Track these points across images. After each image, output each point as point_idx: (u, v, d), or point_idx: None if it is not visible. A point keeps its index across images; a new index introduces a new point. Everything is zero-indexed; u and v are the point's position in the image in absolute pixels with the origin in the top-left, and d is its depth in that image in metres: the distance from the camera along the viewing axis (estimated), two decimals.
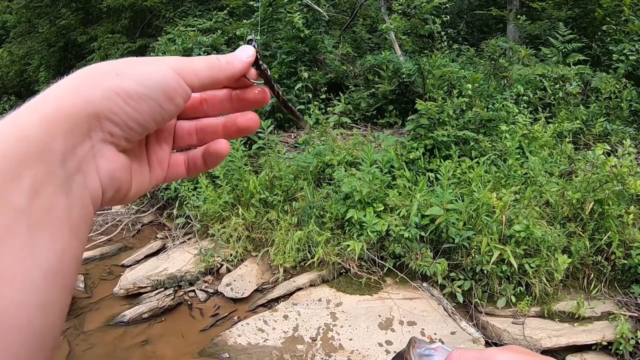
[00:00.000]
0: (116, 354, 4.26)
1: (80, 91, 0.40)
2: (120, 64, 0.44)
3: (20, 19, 12.68)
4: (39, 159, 0.35)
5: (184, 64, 0.46)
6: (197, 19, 9.76)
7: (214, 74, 0.49)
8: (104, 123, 0.41)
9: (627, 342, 3.80)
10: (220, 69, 0.50)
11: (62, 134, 0.37)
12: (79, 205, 0.39)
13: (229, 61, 0.51)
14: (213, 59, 0.50)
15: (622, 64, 6.52)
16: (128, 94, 0.41)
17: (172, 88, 0.44)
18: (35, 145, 0.35)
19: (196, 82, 0.47)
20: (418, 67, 6.62)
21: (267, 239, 5.16)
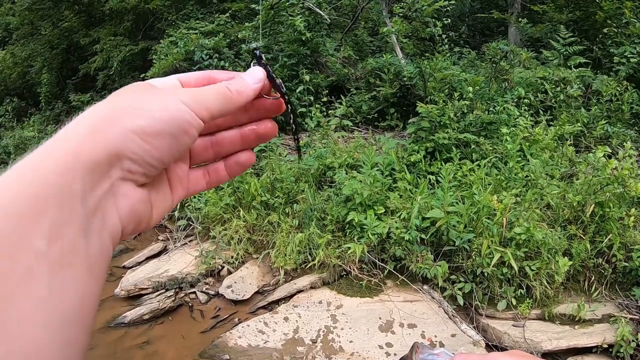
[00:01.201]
0: (117, 355, 4.27)
1: (99, 136, 0.40)
2: (135, 100, 0.44)
3: (23, 21, 12.71)
4: (59, 200, 0.35)
5: (195, 98, 0.46)
6: (199, 22, 9.78)
7: (224, 107, 0.49)
8: (124, 162, 0.41)
9: (628, 345, 3.79)
10: (231, 100, 0.50)
11: (80, 176, 0.37)
12: (98, 245, 0.39)
13: (239, 91, 0.51)
14: (223, 90, 0.50)
15: (623, 67, 6.53)
16: (146, 132, 0.42)
17: (187, 122, 0.45)
18: (54, 187, 0.35)
19: (207, 115, 0.47)
20: (419, 70, 6.64)
21: (268, 241, 5.17)
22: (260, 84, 0.53)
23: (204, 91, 0.48)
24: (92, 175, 0.38)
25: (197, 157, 0.56)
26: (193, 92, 0.47)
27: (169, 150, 0.44)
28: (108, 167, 0.40)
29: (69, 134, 0.40)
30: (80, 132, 0.40)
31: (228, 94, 0.50)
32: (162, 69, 8.43)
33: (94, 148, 0.39)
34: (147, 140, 0.42)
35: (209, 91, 0.49)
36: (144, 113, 0.42)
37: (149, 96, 0.45)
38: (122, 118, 0.41)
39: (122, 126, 0.41)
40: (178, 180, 0.53)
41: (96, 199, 0.39)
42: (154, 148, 0.42)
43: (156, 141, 0.42)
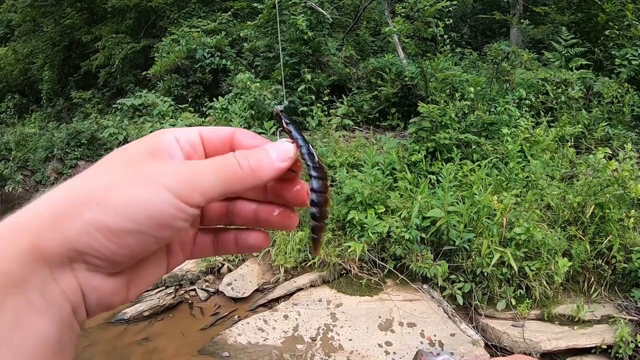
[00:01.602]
0: (116, 352, 4.27)
1: (57, 225, 0.36)
2: (105, 187, 0.38)
3: (25, 18, 12.71)
4: (18, 292, 0.34)
5: (188, 180, 0.39)
6: (202, 20, 9.80)
7: (228, 187, 0.41)
8: (87, 257, 0.37)
9: (627, 346, 3.80)
10: (239, 181, 0.41)
11: (38, 268, 0.35)
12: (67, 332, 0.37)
13: (255, 169, 0.41)
14: (231, 166, 0.41)
15: (624, 69, 6.54)
16: (110, 230, 0.36)
17: (168, 216, 0.38)
18: (13, 280, 0.34)
19: (202, 201, 0.39)
20: (421, 70, 6.65)
21: None
22: (285, 164, 0.43)
23: (202, 169, 0.40)
24: (51, 269, 0.36)
25: (211, 221, 0.49)
26: (186, 173, 0.39)
27: (141, 247, 0.38)
28: (68, 261, 0.36)
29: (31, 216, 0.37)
30: (38, 221, 0.36)
31: (237, 172, 0.41)
32: (164, 66, 8.45)
33: (50, 242, 0.35)
34: (111, 239, 0.37)
35: (210, 169, 0.40)
36: (112, 204, 0.37)
37: (123, 184, 0.38)
38: (84, 210, 0.36)
39: (82, 220, 0.36)
40: (180, 245, 0.47)
41: (59, 290, 0.36)
42: (120, 247, 0.37)
43: (123, 240, 0.37)
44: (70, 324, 0.37)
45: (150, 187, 0.37)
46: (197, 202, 0.39)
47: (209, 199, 0.40)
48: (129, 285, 0.42)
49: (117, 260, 0.38)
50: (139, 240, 0.38)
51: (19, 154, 9.54)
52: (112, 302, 0.41)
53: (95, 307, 0.40)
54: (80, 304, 0.38)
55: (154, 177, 0.38)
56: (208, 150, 0.45)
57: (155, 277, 0.46)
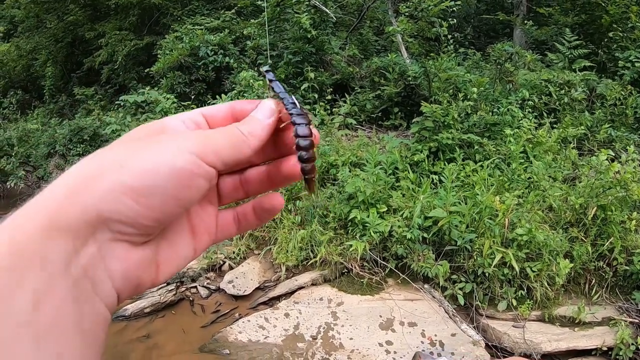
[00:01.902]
0: (117, 348, 4.28)
1: (79, 192, 0.35)
2: (125, 151, 0.39)
3: (29, 14, 12.72)
4: (39, 270, 0.32)
5: (203, 142, 0.41)
6: (205, 18, 9.81)
7: (237, 152, 0.43)
8: (111, 224, 0.36)
9: (627, 348, 3.80)
10: (245, 145, 0.44)
11: (59, 242, 0.34)
12: (90, 312, 0.35)
13: (251, 132, 0.44)
14: (235, 133, 0.44)
15: (627, 71, 6.53)
16: (135, 191, 0.36)
17: (190, 173, 0.39)
18: (32, 257, 0.32)
19: (218, 162, 0.41)
20: (424, 70, 6.65)
21: (270, 237, 5.18)
22: (272, 118, 0.47)
23: (212, 134, 0.43)
24: (74, 241, 0.35)
25: (227, 197, 0.50)
26: (199, 136, 0.41)
27: (166, 208, 0.38)
28: (91, 231, 0.36)
29: (48, 195, 0.36)
30: (60, 194, 0.36)
31: (240, 137, 0.44)
32: (167, 64, 8.45)
33: (72, 212, 0.35)
34: (138, 200, 0.36)
35: (219, 134, 0.43)
36: (135, 166, 0.37)
37: (142, 147, 0.39)
38: (107, 175, 0.36)
39: (106, 185, 0.36)
40: (204, 225, 0.48)
41: (81, 266, 0.35)
42: (146, 208, 0.37)
43: (149, 200, 0.37)
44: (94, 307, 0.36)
45: (169, 149, 0.39)
46: (214, 162, 0.40)
47: (222, 161, 0.41)
48: (157, 263, 0.43)
49: (141, 223, 0.38)
50: (162, 201, 0.38)
51: (21, 149, 9.57)
52: (142, 279, 0.41)
53: (124, 284, 0.39)
54: (106, 281, 0.37)
55: (170, 141, 0.40)
56: (212, 127, 0.48)
57: (184, 258, 0.46)
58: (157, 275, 0.43)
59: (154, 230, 0.40)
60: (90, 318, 0.35)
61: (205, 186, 0.40)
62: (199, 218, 0.47)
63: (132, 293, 0.41)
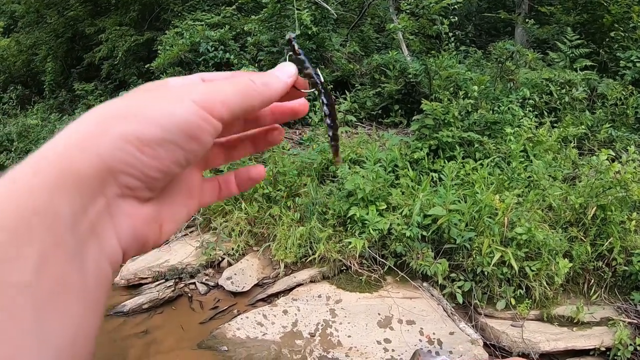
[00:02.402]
0: (115, 344, 4.28)
1: (87, 145, 0.34)
2: (132, 102, 0.38)
3: (29, 9, 12.69)
4: (44, 228, 0.31)
5: (210, 93, 0.40)
6: (206, 14, 9.77)
7: (247, 102, 0.42)
8: (120, 177, 0.36)
9: (625, 349, 3.80)
10: (256, 94, 0.43)
11: (68, 197, 0.32)
12: (95, 273, 0.34)
13: (266, 83, 0.44)
14: (246, 81, 0.43)
15: (629, 71, 6.51)
16: (143, 141, 0.36)
17: (196, 126, 0.38)
18: (37, 214, 0.31)
19: (225, 112, 0.40)
20: (425, 67, 6.63)
21: (269, 234, 5.17)
22: (293, 78, 0.47)
23: (220, 84, 0.42)
24: (82, 196, 0.33)
25: (210, 162, 0.51)
26: (207, 87, 0.41)
27: (173, 160, 0.38)
28: (100, 184, 0.35)
29: (56, 145, 0.35)
30: (66, 145, 0.35)
31: (252, 86, 0.43)
32: (167, 59, 8.43)
33: (80, 164, 0.34)
34: (145, 150, 0.36)
35: (228, 84, 0.42)
36: (142, 116, 0.37)
37: (151, 98, 0.39)
38: (115, 126, 0.36)
39: (113, 135, 0.35)
40: (193, 188, 0.48)
41: (89, 222, 0.34)
42: (153, 159, 0.37)
43: (157, 151, 0.37)
44: (99, 266, 0.35)
45: (177, 101, 0.38)
46: (220, 113, 0.39)
47: (231, 111, 0.40)
48: (161, 221, 0.42)
49: (149, 175, 0.37)
50: (170, 152, 0.37)
51: (20, 145, 9.54)
52: (148, 236, 0.40)
53: (131, 242, 0.39)
54: (112, 239, 0.37)
55: (178, 93, 0.39)
56: None
57: (181, 219, 0.46)
58: (160, 234, 0.43)
59: (158, 183, 0.39)
60: (95, 279, 0.34)
61: (210, 142, 0.40)
62: (189, 180, 0.47)
63: (137, 252, 0.41)
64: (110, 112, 0.37)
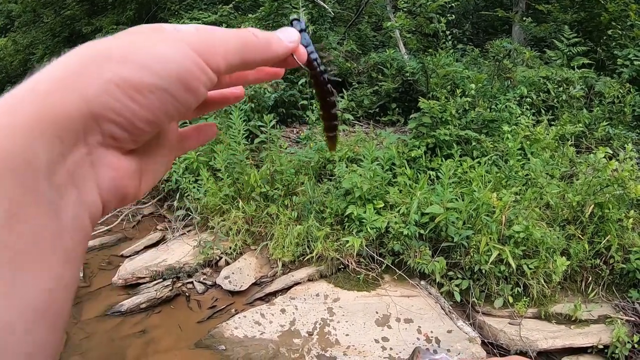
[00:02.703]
0: (113, 344, 4.27)
1: (71, 85, 0.31)
2: (124, 43, 0.35)
3: (25, 9, 12.67)
4: (17, 176, 0.28)
5: (209, 40, 0.37)
6: (203, 12, 9.75)
7: (247, 56, 0.40)
8: (104, 125, 0.33)
9: (623, 346, 3.80)
10: (257, 50, 0.41)
11: (46, 141, 0.29)
12: (72, 226, 0.32)
13: (268, 42, 0.42)
14: (247, 34, 0.40)
15: (626, 69, 6.52)
16: (133, 86, 0.33)
17: (191, 75, 0.35)
18: (10, 160, 0.28)
19: (222, 63, 0.37)
20: (422, 65, 6.62)
21: (266, 232, 5.16)
22: (295, 44, 0.45)
23: (221, 32, 0.38)
24: (61, 142, 0.31)
25: None
26: (206, 33, 0.38)
27: (163, 110, 0.35)
28: (83, 130, 0.32)
29: (32, 87, 0.31)
30: (47, 84, 0.31)
31: (254, 40, 0.40)
32: None
33: (62, 105, 0.31)
34: (135, 97, 0.33)
35: (228, 33, 0.39)
36: (134, 59, 0.33)
37: (145, 40, 0.35)
38: (104, 67, 0.32)
39: (102, 78, 0.32)
40: (173, 140, 0.45)
41: (68, 171, 0.31)
42: (143, 107, 0.34)
43: (147, 99, 0.34)
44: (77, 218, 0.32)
45: (174, 45, 0.35)
46: (218, 64, 0.37)
47: (228, 63, 0.38)
48: (141, 174, 0.40)
49: (137, 126, 0.34)
50: (161, 100, 0.34)
51: None
52: (128, 189, 0.38)
53: (112, 194, 0.36)
54: (93, 190, 0.34)
55: (176, 36, 0.36)
56: None
57: (162, 171, 0.44)
58: (140, 187, 0.40)
59: (144, 135, 0.36)
60: (73, 231, 0.32)
61: (204, 93, 0.37)
62: (171, 131, 0.44)
63: (117, 205, 0.38)
64: (101, 52, 0.34)
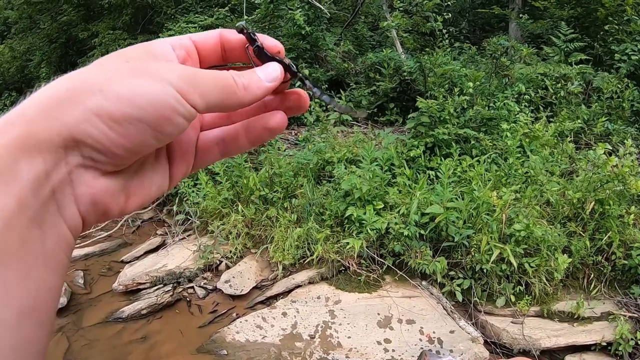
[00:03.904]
0: (115, 350, 4.26)
1: (55, 113, 0.34)
2: (108, 74, 0.37)
3: (22, 15, 12.66)
4: (6, 187, 0.31)
5: (189, 79, 0.39)
6: (199, 16, 9.74)
7: (224, 100, 0.42)
8: (83, 149, 0.35)
9: (627, 343, 3.79)
10: (234, 95, 0.42)
11: (32, 160, 0.33)
12: (54, 236, 0.35)
13: (246, 86, 0.43)
14: (227, 79, 0.42)
15: (624, 64, 6.50)
16: (112, 117, 0.35)
17: (170, 108, 0.37)
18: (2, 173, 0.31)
19: (201, 103, 0.39)
20: (419, 65, 6.61)
21: (266, 235, 5.15)
22: (274, 84, 0.45)
23: (202, 74, 0.41)
24: (45, 161, 0.34)
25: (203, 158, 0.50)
26: (188, 73, 0.40)
27: (141, 140, 0.37)
28: (64, 152, 0.35)
29: (21, 112, 0.35)
30: (34, 111, 0.35)
31: (232, 86, 0.42)
32: None
33: (46, 130, 0.34)
34: (113, 127, 0.36)
35: (209, 75, 0.41)
36: (116, 91, 0.36)
37: (126, 72, 0.38)
38: (85, 98, 0.35)
39: (82, 107, 0.35)
40: (182, 153, 0.47)
41: (50, 187, 0.34)
42: (121, 136, 0.36)
43: (125, 129, 0.36)
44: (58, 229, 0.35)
45: (154, 79, 0.37)
46: (196, 103, 0.39)
47: (207, 104, 0.40)
48: (128, 192, 0.42)
49: (115, 152, 0.37)
50: (139, 131, 0.37)
51: None
52: (110, 206, 0.40)
53: (90, 210, 0.38)
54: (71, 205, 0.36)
55: (157, 71, 0.38)
56: (202, 54, 0.47)
57: (158, 188, 0.45)
58: (126, 205, 0.42)
59: (125, 161, 0.39)
60: (54, 241, 0.35)
61: (185, 125, 0.39)
62: (177, 145, 0.46)
63: (99, 220, 0.40)
64: (86, 82, 0.36)
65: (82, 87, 0.36)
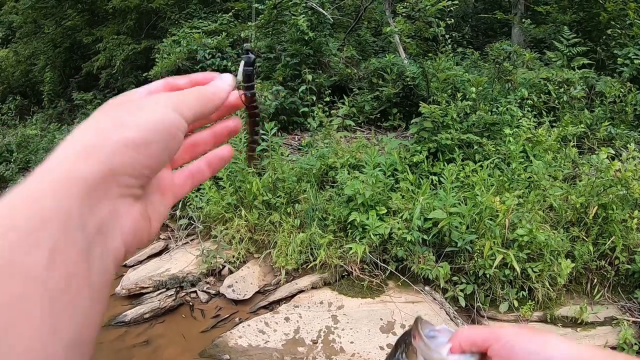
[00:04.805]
0: (117, 354, 4.26)
1: (91, 155, 0.39)
2: (120, 114, 0.44)
3: (26, 20, 12.73)
4: (56, 225, 0.34)
5: (178, 99, 0.48)
6: (202, 21, 9.79)
7: (204, 108, 0.50)
8: (120, 178, 0.40)
9: (630, 348, 3.78)
10: (209, 101, 0.51)
11: (78, 198, 0.36)
12: (100, 270, 0.37)
13: (214, 92, 0.53)
14: (201, 90, 0.52)
15: (626, 68, 6.50)
16: (136, 143, 0.41)
17: (174, 126, 0.45)
18: (50, 211, 0.34)
19: (190, 117, 0.48)
20: (422, 70, 6.62)
21: (269, 240, 5.15)
22: (231, 87, 0.55)
23: (185, 93, 0.50)
24: (90, 198, 0.37)
25: (176, 161, 0.56)
26: (177, 97, 0.48)
27: (159, 157, 0.44)
28: (105, 187, 0.39)
29: (60, 157, 0.39)
30: (72, 154, 0.39)
31: (207, 95, 0.51)
32: (165, 67, 8.44)
33: (87, 169, 0.38)
34: (139, 151, 0.41)
35: (189, 92, 0.50)
36: (132, 123, 0.42)
37: (133, 108, 0.45)
38: (112, 134, 0.40)
39: (112, 142, 0.40)
40: (166, 185, 0.53)
41: (95, 223, 0.38)
42: (145, 157, 0.42)
43: (148, 150, 0.42)
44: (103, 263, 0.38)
45: (159, 108, 0.45)
46: (187, 117, 0.47)
47: (194, 115, 0.48)
48: (150, 215, 0.47)
49: (144, 173, 0.43)
50: (158, 150, 0.43)
51: (20, 155, 9.53)
52: (145, 231, 0.45)
53: (131, 239, 0.42)
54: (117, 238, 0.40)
55: (156, 101, 0.46)
56: None
57: (163, 214, 0.51)
58: (151, 229, 0.47)
59: (148, 180, 0.45)
60: (100, 275, 0.37)
61: (182, 139, 0.47)
62: (163, 180, 0.52)
63: (135, 247, 0.45)
64: (107, 123, 0.42)
65: (105, 126, 0.42)
